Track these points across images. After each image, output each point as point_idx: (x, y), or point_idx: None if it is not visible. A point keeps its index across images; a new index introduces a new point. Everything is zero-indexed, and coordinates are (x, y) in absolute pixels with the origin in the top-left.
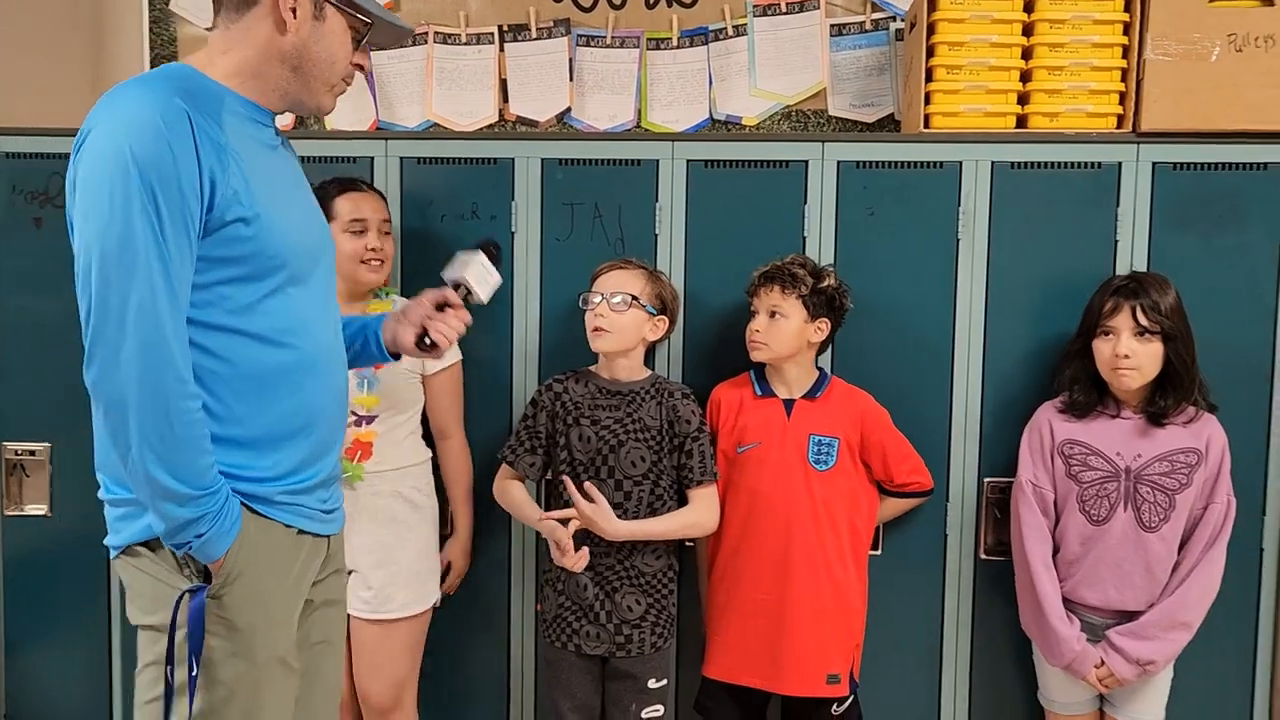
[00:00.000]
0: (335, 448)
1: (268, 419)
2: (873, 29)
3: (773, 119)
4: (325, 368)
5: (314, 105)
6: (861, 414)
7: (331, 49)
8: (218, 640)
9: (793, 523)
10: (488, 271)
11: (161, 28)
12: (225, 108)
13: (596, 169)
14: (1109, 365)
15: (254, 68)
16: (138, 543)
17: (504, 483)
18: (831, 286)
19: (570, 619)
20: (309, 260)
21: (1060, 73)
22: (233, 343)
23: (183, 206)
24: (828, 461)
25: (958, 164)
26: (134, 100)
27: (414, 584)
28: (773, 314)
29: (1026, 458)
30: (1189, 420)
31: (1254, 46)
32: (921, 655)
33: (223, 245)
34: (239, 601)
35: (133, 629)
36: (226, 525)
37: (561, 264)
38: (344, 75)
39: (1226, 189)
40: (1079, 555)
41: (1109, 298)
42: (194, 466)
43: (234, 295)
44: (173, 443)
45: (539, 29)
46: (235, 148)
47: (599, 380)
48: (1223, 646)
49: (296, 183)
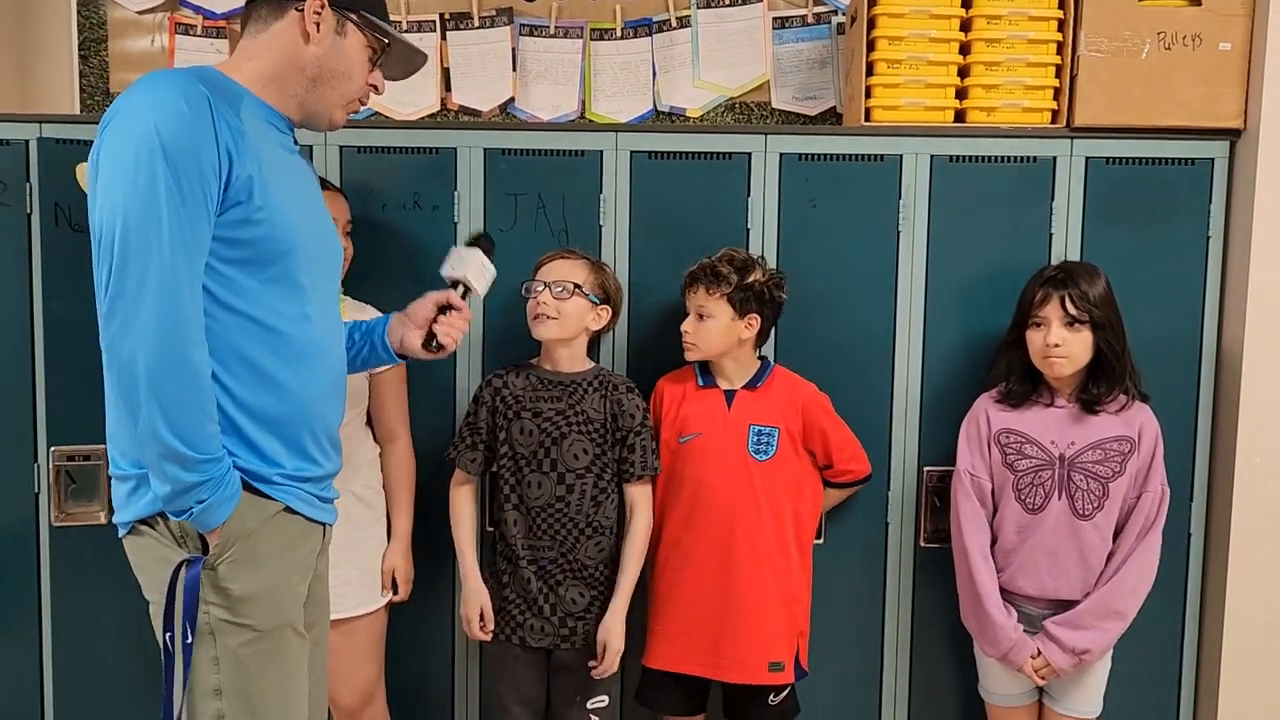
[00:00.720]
0: (330, 444)
1: (260, 400)
2: (815, 22)
3: (716, 111)
4: (319, 359)
5: (326, 119)
6: (803, 402)
7: (349, 65)
8: (217, 609)
9: (735, 512)
10: (485, 267)
11: (90, 10)
12: (244, 105)
13: (540, 159)
14: (1040, 354)
15: (275, 75)
16: (141, 519)
17: (456, 496)
18: (760, 281)
19: (514, 612)
20: (314, 253)
21: (997, 68)
22: (231, 321)
23: (202, 183)
24: (768, 451)
25: (898, 157)
26: (161, 85)
27: (369, 581)
28: (700, 314)
29: (964, 448)
30: (1121, 408)
31: (1182, 45)
32: (863, 644)
33: (234, 228)
34: (236, 571)
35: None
36: (227, 494)
37: (505, 255)
38: (358, 94)
39: (1157, 183)
40: (1016, 545)
41: (1039, 288)
42: (201, 431)
43: (238, 277)
44: (182, 405)
45: (481, 18)
46: (251, 138)
47: (540, 372)
48: (1154, 633)
49: (311, 188)
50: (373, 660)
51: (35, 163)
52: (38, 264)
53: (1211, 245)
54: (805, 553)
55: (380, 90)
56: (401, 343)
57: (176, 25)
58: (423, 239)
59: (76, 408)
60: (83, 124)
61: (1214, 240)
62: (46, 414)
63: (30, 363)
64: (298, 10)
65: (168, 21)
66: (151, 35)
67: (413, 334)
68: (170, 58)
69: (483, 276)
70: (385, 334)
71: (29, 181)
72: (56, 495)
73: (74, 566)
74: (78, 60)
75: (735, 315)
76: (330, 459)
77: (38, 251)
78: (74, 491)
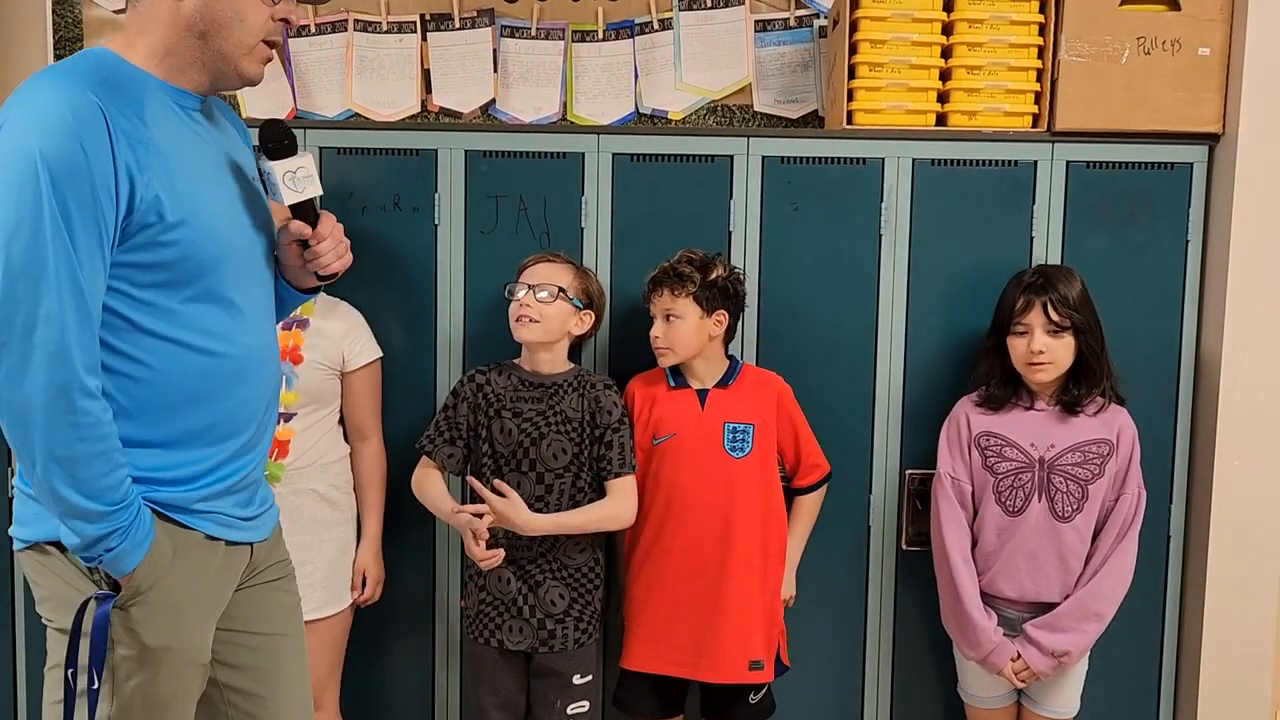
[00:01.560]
0: (258, 448)
1: (189, 423)
2: (796, 25)
3: (698, 114)
4: (253, 372)
5: (235, 74)
6: (777, 393)
7: (236, 5)
8: (124, 650)
9: (712, 511)
10: (297, 170)
11: (66, 9)
12: (149, 96)
13: (521, 161)
14: (1024, 361)
15: (167, 45)
16: (48, 541)
17: (422, 473)
18: (722, 277)
19: (492, 614)
20: (239, 261)
21: (979, 72)
22: (158, 348)
23: (95, 210)
24: (744, 448)
25: (880, 160)
26: (46, 96)
27: (331, 584)
28: (668, 317)
29: (945, 451)
30: (1099, 410)
31: (1161, 50)
32: (844, 646)
33: (145, 250)
34: (148, 616)
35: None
36: (138, 539)
37: (486, 257)
38: (263, 35)
39: (1137, 187)
40: (996, 547)
41: (1020, 295)
42: (102, 482)
43: (158, 300)
44: (79, 459)
45: (462, 19)
46: (159, 142)
47: (521, 373)
48: (1132, 635)
49: (228, 176)
50: (326, 657)
51: None
52: None
53: (1190, 249)
54: (781, 548)
55: (292, 22)
56: (299, 282)
57: None
58: (403, 241)
59: None
60: None
61: (1193, 244)
62: None
63: None
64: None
65: None
66: None
67: (302, 275)
68: None
69: (308, 179)
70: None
71: None
72: None
73: None
74: (53, 59)
75: (703, 313)
76: (253, 466)
77: None
78: None
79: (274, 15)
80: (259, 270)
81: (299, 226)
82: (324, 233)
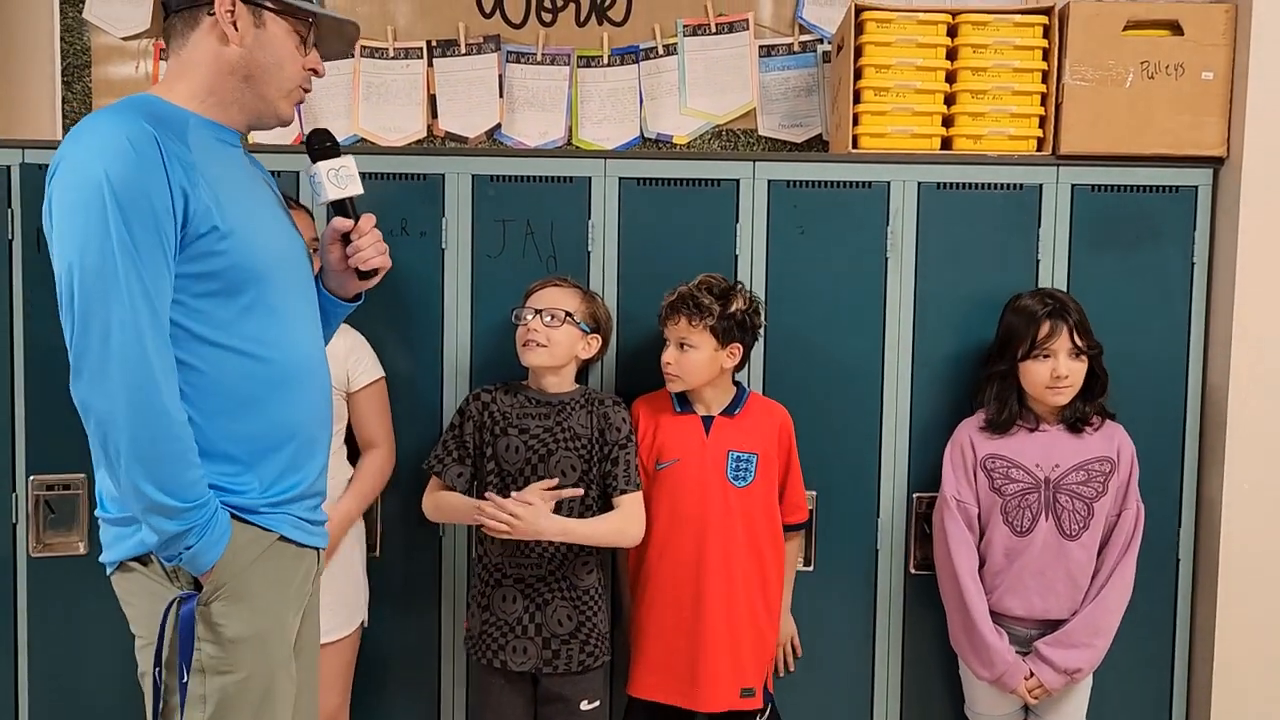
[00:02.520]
0: (317, 457)
1: (250, 430)
2: (800, 51)
3: (703, 138)
4: (305, 379)
5: (273, 115)
6: (779, 425)
7: (278, 54)
8: (209, 648)
9: (710, 539)
10: (339, 169)
11: (74, 36)
12: (190, 129)
13: (528, 186)
14: (1044, 385)
15: (209, 85)
16: (131, 558)
17: (434, 494)
18: (741, 309)
19: (496, 635)
20: (286, 273)
21: (983, 96)
22: (213, 356)
23: (156, 224)
24: (746, 478)
25: (885, 184)
26: (104, 127)
27: (341, 607)
28: (682, 345)
29: (949, 474)
30: (1097, 427)
31: (1164, 74)
32: (853, 671)
33: (199, 260)
34: (230, 610)
35: None
36: (215, 537)
37: (493, 281)
38: (298, 82)
39: (1142, 210)
40: (1004, 567)
41: (1044, 320)
42: (181, 480)
43: (212, 310)
44: (160, 457)
45: (468, 44)
46: (203, 166)
47: (528, 392)
48: (1141, 656)
49: (268, 199)
50: (336, 689)
51: (17, 189)
52: (19, 290)
53: (1196, 272)
54: (779, 580)
55: (320, 72)
56: (340, 289)
57: (160, 51)
58: (411, 265)
59: (56, 436)
60: None
61: (1199, 267)
62: (26, 442)
63: (9, 391)
64: (209, 15)
65: (152, 48)
66: (136, 61)
67: (341, 278)
68: (154, 83)
69: (349, 180)
70: (325, 296)
71: (10, 207)
72: (35, 525)
73: (52, 598)
74: (61, 86)
75: (718, 345)
76: (316, 476)
77: (19, 278)
78: (53, 521)
79: (304, 65)
80: (304, 283)
81: (342, 221)
82: (365, 227)
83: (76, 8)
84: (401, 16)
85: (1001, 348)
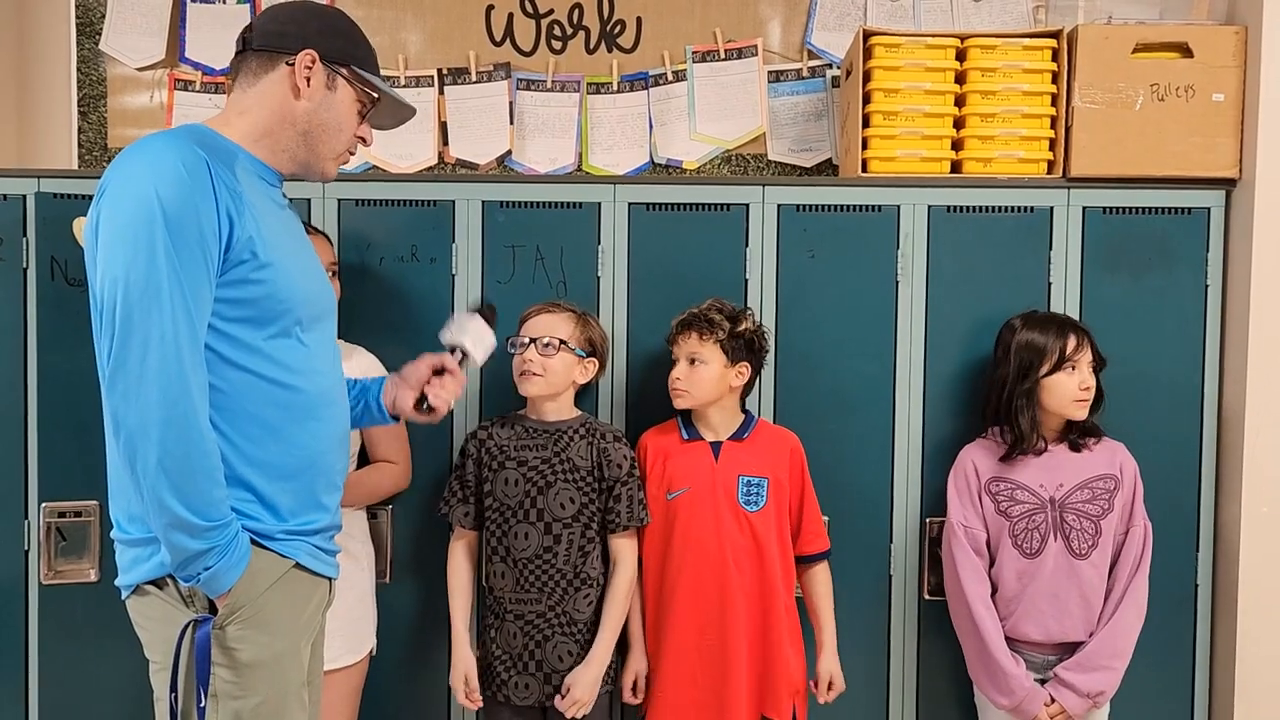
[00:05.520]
0: (336, 491)
1: (272, 457)
2: (809, 76)
3: (713, 163)
4: (327, 410)
5: (319, 171)
6: (790, 450)
7: (340, 118)
8: (224, 672)
9: (725, 565)
10: (484, 334)
11: (90, 67)
12: (238, 163)
13: (538, 212)
14: (1072, 399)
15: (266, 129)
16: (146, 582)
17: (453, 552)
18: (749, 330)
19: (499, 669)
20: (314, 309)
21: (992, 119)
22: (240, 380)
23: (203, 248)
24: (758, 502)
25: (895, 207)
26: (158, 149)
27: (349, 634)
28: (692, 361)
29: (955, 500)
30: (1096, 442)
31: (1175, 96)
32: (867, 701)
33: (236, 287)
34: (245, 635)
35: None
36: (235, 559)
37: (503, 306)
38: (348, 146)
39: (1153, 232)
40: (1017, 591)
41: (1069, 334)
42: (206, 498)
43: (242, 335)
44: (188, 472)
45: (479, 72)
46: (248, 196)
47: (526, 421)
48: (1160, 685)
49: (301, 238)
50: (346, 708)
51: (32, 217)
52: (33, 318)
53: (1210, 293)
54: (793, 606)
55: (368, 142)
56: (395, 403)
57: (176, 82)
58: (421, 291)
59: (68, 463)
60: (81, 179)
61: (1212, 288)
62: (38, 469)
63: (23, 417)
64: (288, 65)
65: (167, 78)
66: (151, 91)
67: (406, 394)
68: (169, 114)
69: (481, 344)
70: (380, 394)
71: (26, 236)
72: (47, 552)
73: (63, 626)
74: (77, 116)
75: (727, 362)
76: (336, 509)
77: (33, 306)
78: (64, 549)
79: (357, 132)
80: (328, 318)
81: (452, 362)
82: (461, 377)
83: (93, 39)
84: (413, 45)
85: (1023, 370)
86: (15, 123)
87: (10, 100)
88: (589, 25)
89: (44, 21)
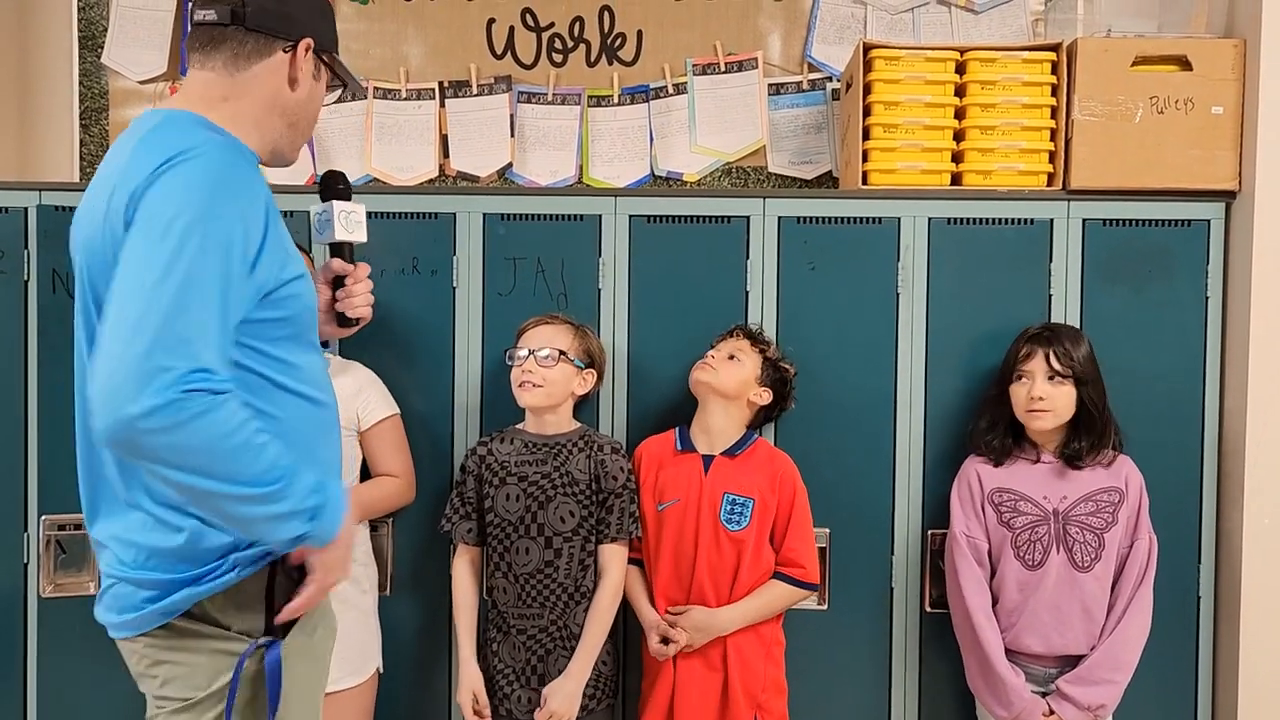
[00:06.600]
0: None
1: None
2: (809, 89)
3: (713, 175)
4: (336, 418)
5: (291, 158)
6: (781, 474)
7: (318, 107)
8: None
9: (704, 582)
10: (350, 213)
11: (92, 80)
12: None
13: (539, 224)
14: (1024, 407)
15: (255, 118)
16: (176, 616)
17: (456, 568)
18: (787, 372)
19: (501, 683)
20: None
21: (992, 132)
22: (285, 401)
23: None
24: (740, 522)
25: (896, 220)
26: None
27: (354, 655)
28: (732, 356)
29: (958, 510)
30: (1109, 462)
31: (1174, 109)
32: (868, 713)
33: (277, 305)
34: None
35: None
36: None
37: (504, 319)
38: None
39: (1154, 244)
40: (1019, 603)
41: (1024, 344)
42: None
43: (285, 355)
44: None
45: (480, 85)
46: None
47: (525, 435)
48: (1162, 697)
49: None
50: None
51: (34, 230)
52: (33, 331)
53: (1210, 305)
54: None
55: None
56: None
57: None
58: (422, 303)
59: (68, 476)
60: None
61: (1213, 300)
62: (38, 482)
63: (23, 430)
64: (285, 52)
65: (168, 91)
66: (152, 105)
67: (325, 326)
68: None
69: (356, 224)
70: None
71: (27, 248)
72: (46, 565)
73: (62, 639)
74: (78, 129)
75: (760, 378)
76: None
77: (34, 318)
78: (64, 562)
79: None
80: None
81: (341, 264)
82: (361, 274)
83: (95, 52)
84: (414, 58)
85: (999, 374)
86: (17, 135)
87: (12, 112)
88: (590, 38)
89: (46, 35)
